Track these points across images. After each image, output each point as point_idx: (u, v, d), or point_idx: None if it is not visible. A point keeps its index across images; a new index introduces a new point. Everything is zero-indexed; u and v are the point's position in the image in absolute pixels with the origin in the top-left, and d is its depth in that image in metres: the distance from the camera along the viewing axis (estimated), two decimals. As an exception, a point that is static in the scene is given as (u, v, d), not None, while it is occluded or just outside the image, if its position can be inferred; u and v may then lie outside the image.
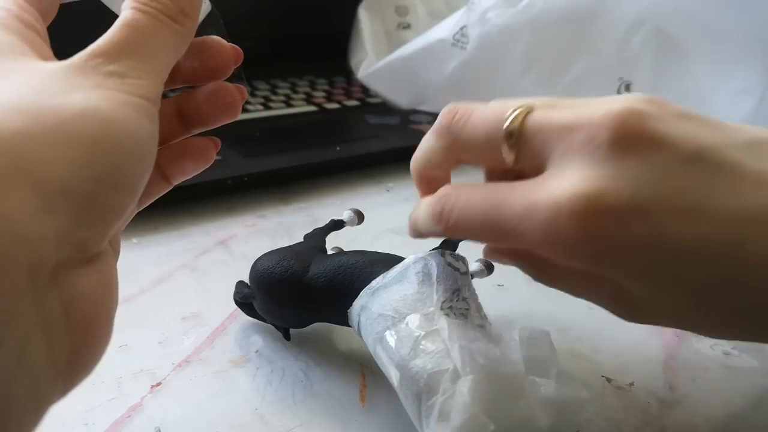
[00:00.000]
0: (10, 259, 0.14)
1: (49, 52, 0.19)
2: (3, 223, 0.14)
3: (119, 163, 0.17)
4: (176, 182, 0.24)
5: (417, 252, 0.37)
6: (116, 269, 0.19)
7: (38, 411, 0.16)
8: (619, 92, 0.51)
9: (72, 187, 0.15)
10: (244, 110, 0.59)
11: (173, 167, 0.24)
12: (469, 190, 0.22)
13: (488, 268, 0.30)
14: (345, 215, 0.32)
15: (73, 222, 0.15)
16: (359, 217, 0.32)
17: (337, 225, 0.32)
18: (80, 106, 0.16)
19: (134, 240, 0.39)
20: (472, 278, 0.27)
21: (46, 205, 0.15)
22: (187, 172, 0.24)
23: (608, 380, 0.28)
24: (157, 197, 0.25)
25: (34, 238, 0.14)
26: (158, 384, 0.27)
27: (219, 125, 0.24)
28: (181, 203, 0.44)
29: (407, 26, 0.72)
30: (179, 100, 0.23)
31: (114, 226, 0.17)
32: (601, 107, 0.20)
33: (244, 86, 0.24)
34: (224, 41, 0.23)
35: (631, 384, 0.28)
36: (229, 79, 0.23)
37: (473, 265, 0.29)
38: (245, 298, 0.30)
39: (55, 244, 0.15)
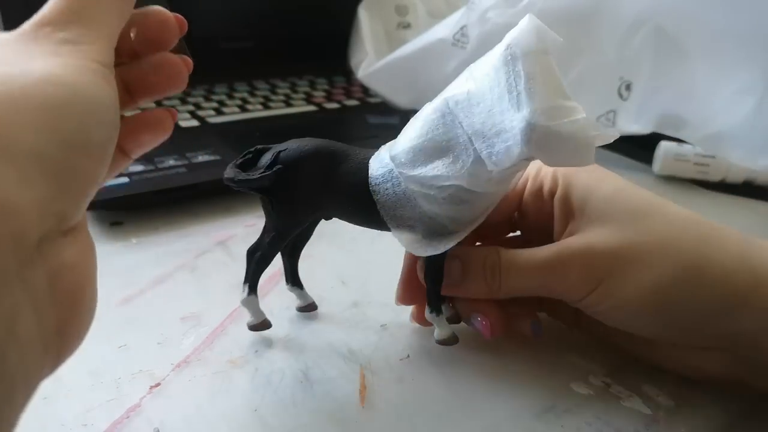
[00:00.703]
0: None
1: None
2: None
3: (87, 127, 0.17)
4: (135, 156, 0.24)
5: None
6: (92, 238, 0.19)
7: (29, 385, 0.16)
8: (619, 92, 0.51)
9: (44, 154, 0.15)
10: (244, 110, 0.59)
11: (131, 141, 0.24)
12: None
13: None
14: None
15: (51, 192, 0.15)
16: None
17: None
18: (41, 73, 0.16)
19: (134, 240, 0.39)
20: None
21: (23, 175, 0.14)
22: (145, 145, 0.24)
23: (608, 385, 0.28)
24: (118, 173, 0.24)
25: (17, 210, 0.14)
26: (157, 385, 0.27)
27: (165, 95, 0.24)
28: (180, 203, 0.44)
29: (407, 26, 0.72)
30: (123, 71, 0.23)
31: (88, 194, 0.17)
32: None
33: (188, 57, 0.24)
34: (167, 11, 0.23)
35: (632, 389, 0.28)
36: (174, 51, 0.24)
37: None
38: (267, 167, 0.26)
39: (37, 216, 0.15)
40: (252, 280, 0.29)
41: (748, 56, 0.45)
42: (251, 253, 0.29)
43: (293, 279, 0.32)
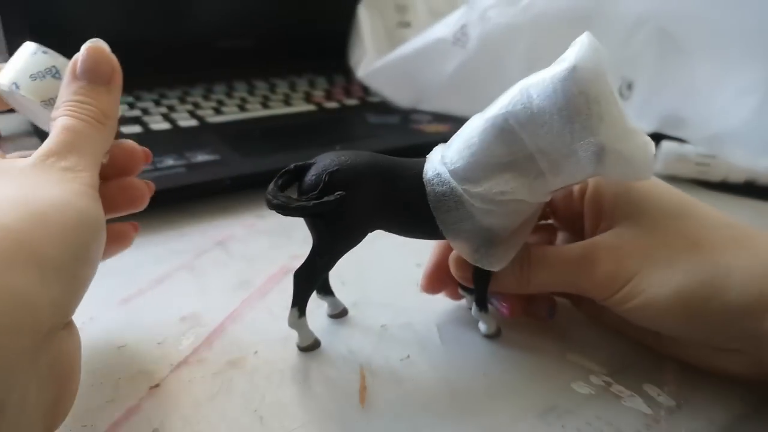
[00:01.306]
0: (21, 321, 0.17)
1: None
2: (15, 293, 0.17)
3: (89, 243, 0.21)
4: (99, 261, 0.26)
5: (415, 253, 0.37)
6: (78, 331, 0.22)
7: None
8: (621, 91, 0.51)
9: (61, 265, 0.19)
10: (243, 109, 0.59)
11: None
12: None
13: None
14: None
15: (61, 294, 0.19)
16: None
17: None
18: (57, 198, 0.20)
19: (133, 240, 0.39)
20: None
21: (44, 280, 0.18)
22: (109, 254, 0.28)
23: (609, 385, 0.28)
24: None
25: (37, 306, 0.18)
26: (157, 385, 0.27)
27: (127, 213, 0.28)
28: (179, 203, 0.44)
29: (407, 24, 0.72)
30: None
31: (82, 296, 0.21)
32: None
33: (150, 183, 0.29)
34: (135, 144, 0.28)
35: (633, 388, 0.28)
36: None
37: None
38: (321, 190, 0.25)
39: (49, 312, 0.18)
40: (301, 303, 0.28)
41: (750, 56, 0.45)
42: (301, 275, 0.28)
43: (324, 287, 0.32)
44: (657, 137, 0.50)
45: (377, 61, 0.65)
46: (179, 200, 0.44)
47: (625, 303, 0.26)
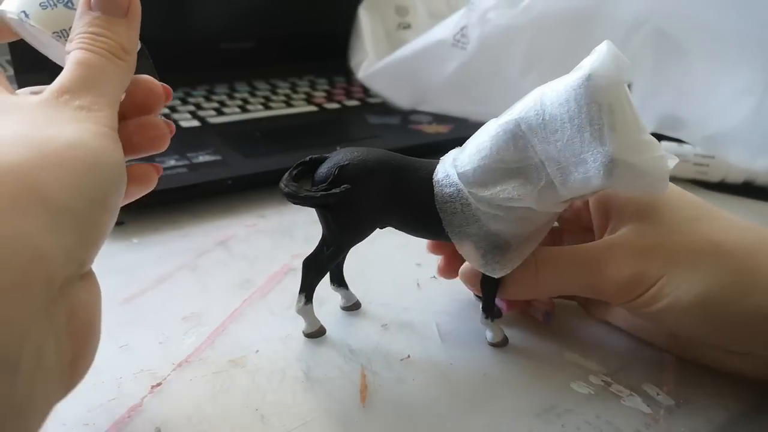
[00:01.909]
0: (32, 273, 0.16)
1: (9, 86, 0.22)
2: (25, 241, 0.15)
3: (106, 186, 0.19)
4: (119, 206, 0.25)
5: (416, 253, 0.37)
6: (98, 282, 0.21)
7: (46, 412, 0.17)
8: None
9: (74, 209, 0.17)
10: (245, 110, 0.59)
11: None
12: None
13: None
14: None
15: (76, 242, 0.17)
16: None
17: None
18: (68, 137, 0.18)
19: (134, 240, 0.39)
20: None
21: (56, 226, 0.16)
22: (131, 196, 0.26)
23: (608, 384, 0.28)
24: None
25: (48, 255, 0.16)
26: (158, 384, 0.27)
27: (146, 155, 0.25)
28: (181, 203, 0.44)
29: (407, 26, 0.72)
30: None
31: (101, 244, 0.19)
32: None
33: (171, 122, 0.26)
34: (155, 80, 0.25)
35: (632, 388, 0.28)
36: (142, 71, 0.25)
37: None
38: (330, 182, 0.26)
39: (63, 262, 0.17)
40: (308, 290, 0.29)
41: (748, 57, 0.45)
42: (308, 263, 0.29)
43: (339, 280, 0.32)
44: (655, 138, 0.50)
45: (378, 62, 0.65)
46: (181, 200, 0.44)
47: (649, 306, 0.26)
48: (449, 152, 0.28)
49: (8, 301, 0.15)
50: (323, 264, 0.29)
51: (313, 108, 0.61)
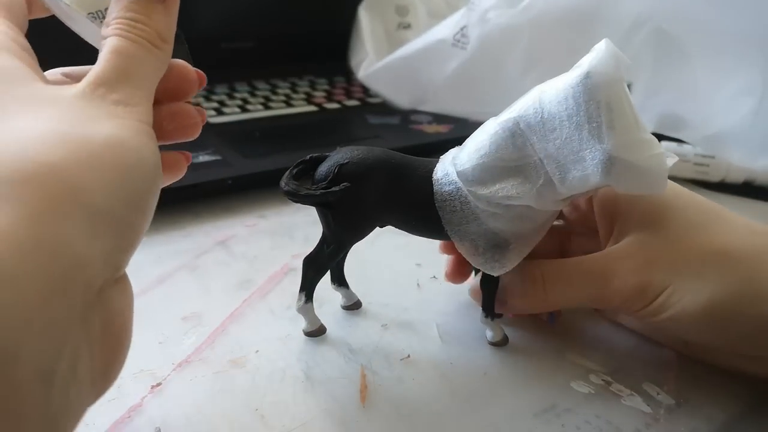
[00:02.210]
0: (71, 280, 0.15)
1: (41, 71, 0.20)
2: (64, 246, 0.15)
3: (144, 187, 0.18)
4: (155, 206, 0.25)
5: (416, 253, 0.37)
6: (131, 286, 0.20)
7: (78, 417, 0.17)
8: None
9: (112, 212, 0.17)
10: (245, 110, 0.59)
11: None
12: None
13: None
14: None
15: (113, 246, 0.17)
16: None
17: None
18: (108, 136, 0.17)
19: (134, 240, 0.39)
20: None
21: (94, 230, 0.16)
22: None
23: (608, 384, 0.28)
24: None
25: (88, 261, 0.16)
26: (158, 384, 0.27)
27: (177, 141, 0.25)
28: (181, 203, 0.44)
29: (407, 26, 0.72)
30: None
31: (136, 247, 0.19)
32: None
33: (203, 109, 0.25)
34: (189, 65, 0.24)
35: (632, 388, 0.28)
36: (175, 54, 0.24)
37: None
38: (330, 180, 0.26)
39: (101, 266, 0.16)
40: (309, 288, 0.29)
41: (748, 57, 0.45)
42: (308, 262, 0.29)
43: (339, 279, 0.32)
44: (655, 138, 0.50)
45: (378, 62, 0.65)
46: (181, 200, 0.44)
47: (656, 315, 0.26)
48: (449, 151, 0.28)
49: (48, 310, 0.14)
50: (323, 262, 0.29)
51: (313, 108, 0.61)
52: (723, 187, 0.49)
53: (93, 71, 0.19)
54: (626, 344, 0.31)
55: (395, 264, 0.37)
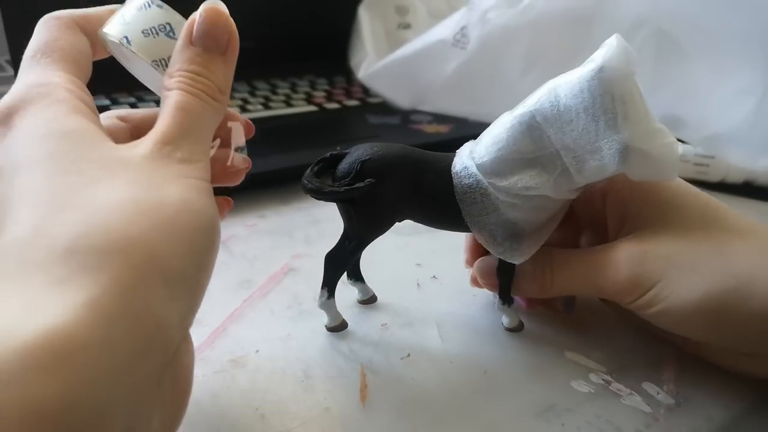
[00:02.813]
0: (153, 343, 0.16)
1: (102, 126, 0.21)
2: (147, 312, 0.16)
3: (210, 247, 0.19)
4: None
5: (416, 253, 0.37)
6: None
7: None
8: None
9: (185, 275, 0.18)
10: (244, 110, 0.59)
11: None
12: None
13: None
14: None
15: (187, 307, 0.18)
16: None
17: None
18: (177, 200, 0.18)
19: (134, 240, 0.39)
20: None
21: (171, 293, 0.17)
22: None
23: (608, 383, 0.28)
24: None
25: (168, 324, 0.17)
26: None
27: (218, 185, 0.25)
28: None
29: (407, 26, 0.72)
30: None
31: (200, 303, 0.20)
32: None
33: (248, 158, 0.27)
34: (239, 115, 0.26)
35: (632, 387, 0.28)
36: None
37: None
38: (353, 177, 0.26)
39: (178, 327, 0.18)
40: (331, 284, 0.30)
41: (748, 57, 0.45)
42: (330, 258, 0.29)
43: (355, 274, 0.33)
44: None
45: (378, 62, 0.65)
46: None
47: (649, 308, 0.26)
48: (464, 145, 0.29)
49: (133, 371, 0.15)
50: (345, 258, 0.29)
51: (313, 108, 0.61)
52: (723, 187, 0.49)
53: (158, 128, 0.20)
54: (626, 343, 0.31)
55: (395, 264, 0.37)
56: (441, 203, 0.28)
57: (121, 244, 0.16)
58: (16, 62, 0.56)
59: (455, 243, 0.33)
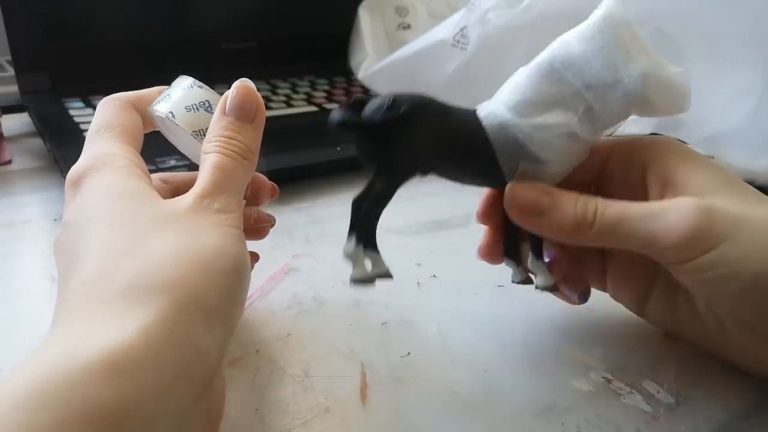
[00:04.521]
0: (193, 368, 0.19)
1: (153, 187, 0.24)
2: (187, 341, 0.19)
3: (242, 285, 0.22)
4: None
5: (416, 253, 0.37)
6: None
7: None
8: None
9: (221, 310, 0.20)
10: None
11: None
12: None
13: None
14: None
15: (223, 338, 0.21)
16: None
17: None
18: (215, 246, 0.21)
19: (135, 240, 0.39)
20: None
21: (209, 325, 0.20)
22: None
23: (608, 381, 0.28)
24: None
25: (207, 353, 0.19)
26: (159, 383, 0.27)
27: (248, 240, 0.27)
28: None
29: (407, 27, 0.72)
30: None
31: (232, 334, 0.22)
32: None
33: (272, 216, 0.31)
34: (265, 178, 0.30)
35: (632, 386, 0.28)
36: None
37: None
38: (386, 109, 0.26)
39: (215, 356, 0.20)
40: (360, 230, 0.26)
41: (747, 57, 0.45)
42: (357, 202, 0.26)
43: (371, 243, 0.28)
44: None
45: (378, 62, 0.65)
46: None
47: (707, 271, 0.23)
48: (479, 105, 0.29)
49: (176, 391, 0.18)
50: (376, 199, 0.26)
51: (313, 108, 0.61)
52: (722, 187, 0.49)
53: (199, 184, 0.23)
54: (627, 341, 0.31)
55: (395, 263, 0.37)
56: (469, 148, 0.27)
57: (167, 285, 0.19)
58: (16, 62, 0.56)
59: (455, 243, 0.33)
